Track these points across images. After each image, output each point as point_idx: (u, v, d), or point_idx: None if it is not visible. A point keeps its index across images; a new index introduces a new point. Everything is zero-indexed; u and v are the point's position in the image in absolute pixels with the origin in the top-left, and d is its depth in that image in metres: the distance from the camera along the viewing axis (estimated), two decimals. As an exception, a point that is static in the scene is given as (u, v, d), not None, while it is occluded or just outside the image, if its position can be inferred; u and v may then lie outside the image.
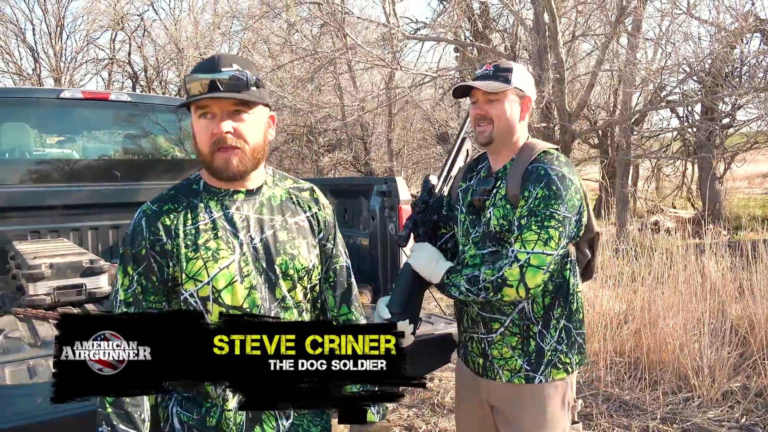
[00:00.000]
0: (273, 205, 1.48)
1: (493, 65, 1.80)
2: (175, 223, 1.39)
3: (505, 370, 1.80)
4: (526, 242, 1.64)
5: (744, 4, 7.90)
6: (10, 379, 1.85)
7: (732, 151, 9.37)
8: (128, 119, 4.14)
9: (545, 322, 1.77)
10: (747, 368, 3.91)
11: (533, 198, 1.67)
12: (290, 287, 1.46)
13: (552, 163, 1.73)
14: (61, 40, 17.80)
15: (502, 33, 10.21)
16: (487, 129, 1.77)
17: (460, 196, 1.92)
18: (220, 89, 1.32)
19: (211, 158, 1.37)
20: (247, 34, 12.14)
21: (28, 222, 3.75)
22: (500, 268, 1.65)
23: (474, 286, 1.68)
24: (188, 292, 1.37)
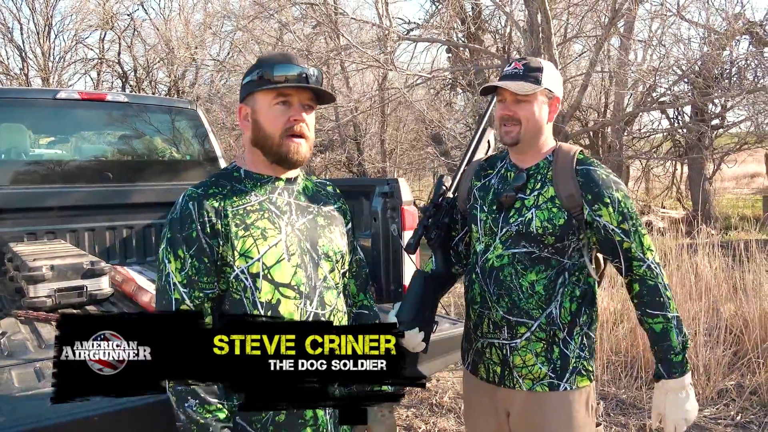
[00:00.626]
0: (308, 194, 1.57)
1: (523, 64, 1.75)
2: (223, 204, 1.44)
3: (526, 379, 1.75)
4: (651, 247, 1.74)
5: (734, 6, 8.00)
6: (18, 381, 1.84)
7: (722, 151, 9.47)
8: (125, 120, 4.13)
9: (570, 329, 1.75)
10: (741, 366, 3.96)
11: (616, 201, 1.70)
12: (330, 269, 1.53)
13: (600, 165, 1.76)
14: (49, 39, 17.65)
15: (494, 34, 10.26)
16: (514, 130, 1.74)
17: (476, 194, 1.88)
18: (308, 82, 1.43)
19: (281, 143, 1.45)
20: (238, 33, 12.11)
21: (24, 223, 3.72)
22: (666, 287, 1.72)
23: (683, 329, 1.72)
24: (239, 269, 1.41)
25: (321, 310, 1.47)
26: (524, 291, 1.73)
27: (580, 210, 1.71)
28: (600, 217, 1.70)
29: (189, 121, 4.36)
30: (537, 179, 1.77)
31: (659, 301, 1.70)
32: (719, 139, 10.16)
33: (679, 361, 1.69)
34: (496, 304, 1.76)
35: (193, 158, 4.36)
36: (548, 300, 1.73)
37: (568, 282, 1.74)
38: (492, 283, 1.77)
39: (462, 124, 10.06)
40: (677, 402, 1.69)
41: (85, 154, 4.09)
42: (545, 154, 1.79)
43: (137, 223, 4.04)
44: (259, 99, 1.46)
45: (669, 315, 1.69)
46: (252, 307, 1.41)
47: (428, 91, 10.60)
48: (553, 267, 1.73)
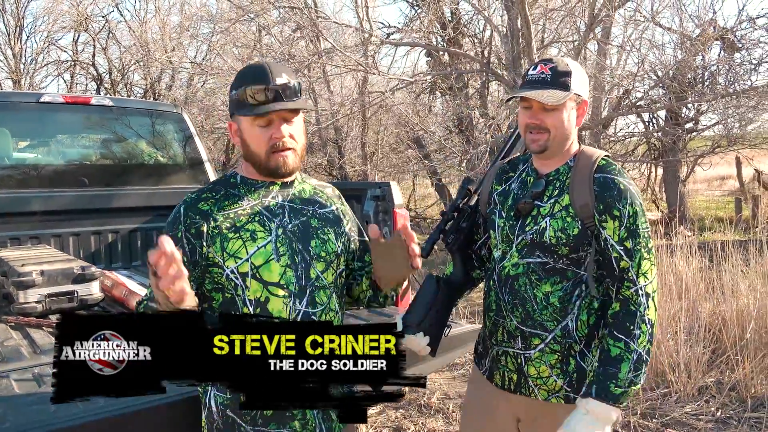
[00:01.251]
0: (304, 197, 1.63)
1: (549, 67, 1.65)
2: (213, 208, 1.51)
3: (542, 390, 1.71)
4: (647, 274, 1.61)
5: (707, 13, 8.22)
6: (18, 387, 1.83)
7: (696, 154, 9.69)
8: (109, 124, 4.10)
9: (588, 342, 1.68)
10: (720, 364, 4.07)
11: (626, 217, 1.61)
12: (323, 269, 1.56)
13: (622, 174, 1.67)
14: (20, 41, 17.36)
15: (473, 38, 10.37)
16: (542, 138, 1.66)
17: (496, 199, 1.81)
18: (283, 98, 1.46)
19: (267, 159, 1.50)
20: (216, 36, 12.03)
21: (7, 228, 3.67)
22: (644, 320, 1.59)
23: (642, 371, 1.59)
24: (229, 268, 1.48)
25: (312, 308, 1.52)
26: (538, 302, 1.68)
27: (593, 220, 1.64)
28: (604, 230, 1.63)
29: (174, 125, 4.35)
30: (555, 186, 1.70)
31: (629, 329, 1.58)
32: (692, 143, 10.41)
33: (615, 394, 1.56)
34: (510, 313, 1.72)
35: (178, 162, 4.34)
36: (564, 312, 1.67)
37: (585, 294, 1.68)
38: (507, 292, 1.73)
39: (442, 127, 10.14)
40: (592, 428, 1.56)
41: (68, 157, 4.05)
42: (567, 159, 1.72)
43: (123, 227, 4.01)
44: (241, 119, 1.51)
45: (632, 346, 1.57)
46: (242, 304, 1.49)
47: (408, 95, 10.66)
48: (569, 279, 1.67)
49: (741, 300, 4.34)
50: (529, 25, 6.22)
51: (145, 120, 4.23)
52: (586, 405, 1.59)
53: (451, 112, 9.27)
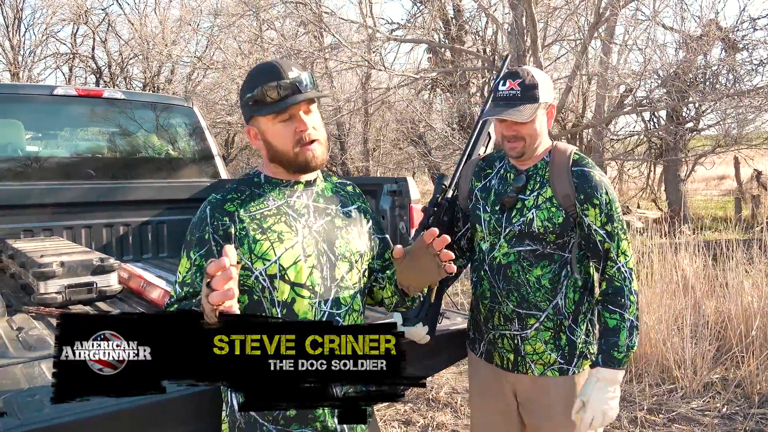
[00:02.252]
0: (327, 195, 1.61)
1: (518, 82, 1.79)
2: (239, 209, 1.49)
3: (537, 364, 1.88)
4: (626, 252, 1.82)
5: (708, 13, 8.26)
6: (50, 374, 1.84)
7: (696, 153, 9.75)
8: (121, 117, 4.11)
9: (575, 317, 1.87)
10: (726, 361, 4.12)
11: (605, 204, 1.80)
12: (348, 269, 1.55)
13: (594, 167, 1.85)
14: (18, 33, 17.28)
15: (474, 35, 10.39)
16: (519, 145, 1.82)
17: (478, 195, 1.97)
18: (302, 91, 1.43)
19: (296, 155, 1.48)
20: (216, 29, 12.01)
21: (20, 220, 3.68)
22: (631, 292, 1.81)
23: (635, 333, 1.82)
24: (258, 270, 1.46)
25: (336, 309, 1.51)
26: (532, 285, 1.85)
27: (574, 208, 1.81)
28: (586, 217, 1.80)
29: (185, 119, 4.36)
30: (536, 180, 1.86)
31: (621, 301, 1.80)
32: (692, 142, 10.47)
33: (619, 359, 1.79)
34: (506, 298, 1.88)
35: (188, 155, 4.36)
36: (554, 292, 1.85)
37: (571, 274, 1.86)
38: (501, 280, 1.88)
39: (444, 124, 10.17)
40: (604, 393, 1.78)
41: (81, 150, 4.06)
42: (542, 155, 1.89)
43: (134, 220, 4.03)
44: (261, 121, 1.49)
45: (626, 315, 1.80)
46: (270, 305, 1.47)
47: (409, 92, 10.69)
48: (556, 261, 1.84)
49: (745, 298, 4.39)
50: (535, 22, 6.25)
51: (156, 114, 4.25)
52: (597, 374, 1.80)
53: (454, 109, 9.29)
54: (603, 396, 1.78)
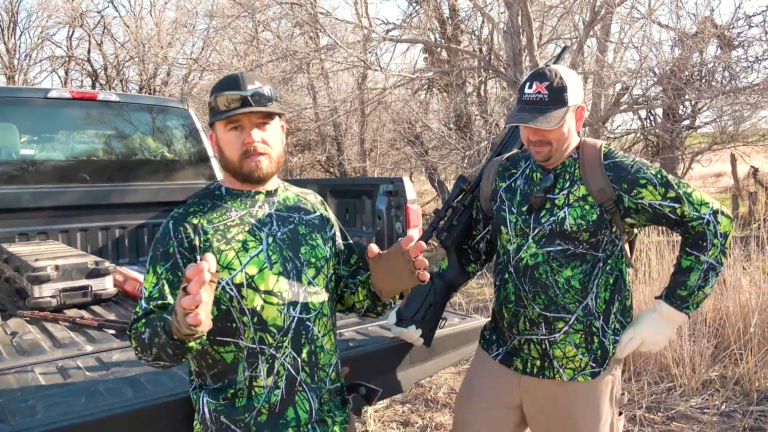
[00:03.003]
0: (289, 204, 1.65)
1: (545, 86, 1.70)
2: (202, 221, 1.52)
3: (567, 369, 1.79)
4: (704, 200, 1.73)
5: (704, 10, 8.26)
6: (44, 379, 1.83)
7: (693, 151, 9.75)
8: (116, 119, 4.09)
9: (606, 317, 1.79)
10: (724, 358, 4.11)
11: (653, 177, 1.73)
12: (314, 274, 1.59)
13: (624, 155, 1.80)
14: (14, 36, 17.24)
15: (470, 35, 10.38)
16: (545, 149, 1.75)
17: (503, 195, 1.90)
18: (251, 104, 1.47)
19: (241, 165, 1.51)
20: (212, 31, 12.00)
21: (15, 224, 3.66)
22: (716, 235, 1.70)
23: (712, 276, 1.73)
24: (224, 281, 1.49)
25: (305, 314, 1.54)
26: (560, 287, 1.77)
27: (612, 203, 1.74)
28: (643, 200, 1.73)
29: (181, 121, 4.35)
30: (565, 178, 1.79)
31: (701, 244, 1.71)
32: (688, 140, 10.47)
33: (683, 296, 1.74)
34: (533, 301, 1.80)
35: (184, 158, 4.34)
36: (584, 293, 1.77)
37: (602, 272, 1.79)
38: (527, 282, 1.81)
39: (441, 124, 10.16)
40: (655, 326, 1.76)
41: (76, 153, 4.04)
42: (570, 153, 1.81)
43: (130, 223, 4.01)
44: (217, 127, 1.53)
45: (702, 258, 1.71)
46: (240, 314, 1.49)
47: (407, 92, 10.68)
48: (588, 261, 1.77)
49: (743, 295, 4.39)
50: (531, 21, 6.25)
51: (151, 116, 4.23)
52: (657, 305, 1.78)
53: (450, 109, 9.28)
54: (654, 328, 1.75)
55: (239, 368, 1.49)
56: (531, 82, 1.74)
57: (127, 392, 1.73)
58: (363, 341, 2.24)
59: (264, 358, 1.49)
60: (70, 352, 2.11)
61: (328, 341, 1.60)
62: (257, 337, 1.49)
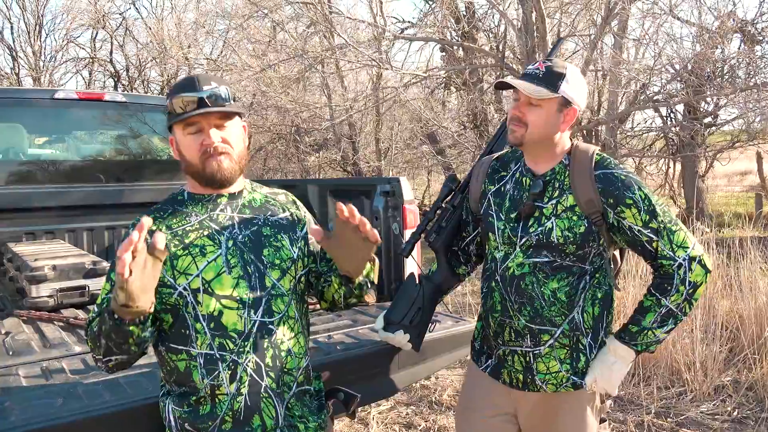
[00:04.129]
0: (254, 206, 1.62)
1: (546, 66, 1.68)
2: (162, 227, 1.50)
3: (549, 384, 1.75)
4: (684, 243, 1.66)
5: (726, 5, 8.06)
6: (25, 381, 1.84)
7: (714, 149, 9.53)
8: (122, 120, 4.12)
9: (594, 334, 1.74)
10: (737, 363, 4.00)
11: (641, 201, 1.66)
12: (279, 276, 1.55)
13: (618, 166, 1.72)
14: (40, 38, 17.55)
15: (488, 33, 10.28)
16: (519, 131, 1.69)
17: (492, 199, 1.83)
18: (208, 105, 1.45)
19: (202, 166, 1.48)
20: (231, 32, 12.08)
21: (22, 223, 3.71)
22: (684, 282, 1.64)
23: (670, 322, 1.67)
24: (181, 286, 1.47)
25: (268, 317, 1.51)
26: (546, 299, 1.71)
27: (599, 215, 1.68)
28: (624, 220, 1.67)
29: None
30: (555, 186, 1.72)
31: (665, 288, 1.66)
32: (711, 137, 10.24)
33: (632, 332, 1.69)
34: (518, 312, 1.75)
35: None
36: (571, 306, 1.71)
37: (589, 286, 1.73)
38: (513, 292, 1.75)
39: (457, 122, 10.09)
40: (604, 361, 1.71)
41: (82, 153, 4.08)
42: (560, 157, 1.74)
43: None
44: (175, 131, 1.51)
45: (663, 301, 1.66)
46: (194, 321, 1.46)
47: (423, 90, 10.62)
48: (575, 273, 1.71)
49: (759, 298, 4.26)
50: (544, 18, 6.15)
51: (158, 116, 4.25)
52: (610, 342, 1.74)
53: (465, 108, 9.21)
54: (603, 363, 1.71)
55: (194, 376, 1.47)
56: (537, 61, 1.73)
57: (104, 395, 1.72)
58: (351, 344, 2.21)
59: (225, 365, 1.46)
60: (58, 353, 2.12)
61: (296, 344, 1.56)
62: (216, 343, 1.46)
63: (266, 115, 10.95)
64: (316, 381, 1.68)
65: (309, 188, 3.50)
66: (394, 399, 3.98)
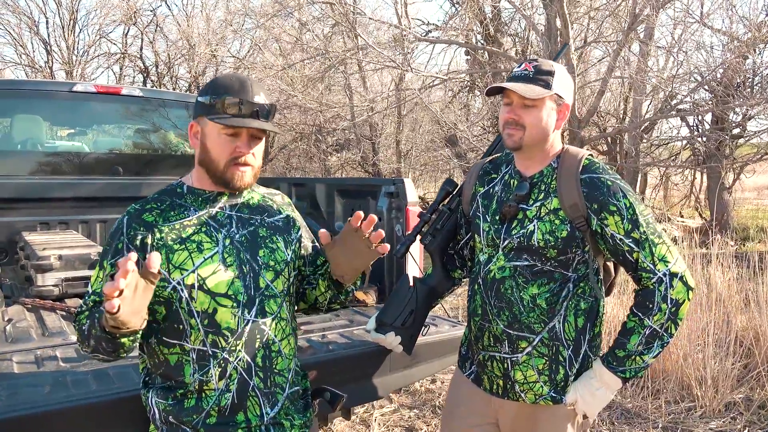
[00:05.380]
0: (252, 206, 1.61)
1: (533, 65, 1.66)
2: (158, 219, 1.49)
3: (528, 394, 1.71)
4: (666, 258, 1.62)
5: (758, 15, 7.88)
6: (17, 368, 1.86)
7: (742, 161, 9.32)
8: (139, 114, 4.18)
9: (576, 347, 1.69)
10: (751, 380, 3.90)
11: (624, 209, 1.62)
12: (272, 278, 1.55)
13: (606, 171, 1.68)
14: (73, 33, 17.91)
15: (513, 37, 10.21)
16: (517, 134, 1.66)
17: (480, 201, 1.82)
18: (259, 118, 1.46)
19: (225, 170, 1.48)
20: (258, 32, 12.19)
21: (37, 213, 3.78)
22: (665, 299, 1.60)
23: (656, 345, 1.62)
24: (176, 280, 1.46)
25: (261, 318, 1.50)
26: (525, 305, 1.68)
27: (584, 221, 1.64)
28: (606, 227, 1.63)
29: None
30: (541, 189, 1.70)
31: (647, 306, 1.62)
32: (740, 149, 10.02)
33: (619, 357, 1.64)
34: (497, 317, 1.72)
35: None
36: (551, 314, 1.67)
37: (572, 295, 1.68)
38: (493, 296, 1.73)
39: (479, 126, 10.03)
40: (589, 386, 1.66)
41: (99, 146, 4.15)
42: (550, 160, 1.72)
43: None
44: (209, 124, 1.48)
45: (645, 321, 1.61)
46: (188, 316, 1.46)
47: (446, 93, 10.58)
48: (557, 280, 1.67)
49: (777, 314, 4.15)
50: (567, 24, 6.08)
51: (174, 111, 4.30)
52: (597, 366, 1.68)
53: (488, 111, 9.15)
54: (587, 387, 1.67)
55: (185, 371, 1.47)
56: (522, 63, 1.71)
57: (91, 384, 1.74)
58: (342, 344, 2.20)
59: (216, 362, 1.46)
60: (55, 342, 2.14)
61: (287, 346, 1.56)
62: (209, 340, 1.46)
63: (289, 114, 11.02)
64: (304, 380, 1.68)
65: (317, 187, 3.51)
66: (397, 401, 3.97)
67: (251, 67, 11.69)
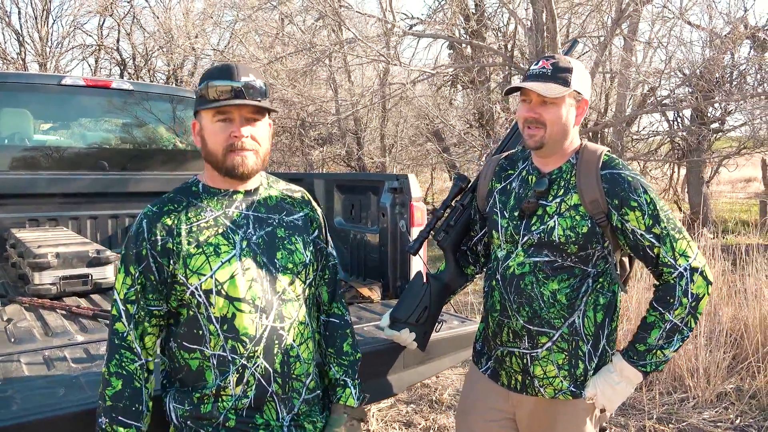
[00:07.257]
0: (270, 204, 1.57)
1: (551, 63, 1.64)
2: (176, 222, 1.45)
3: (548, 389, 1.72)
4: (686, 252, 1.63)
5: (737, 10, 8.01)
6: (28, 370, 1.82)
7: (721, 155, 9.48)
8: (129, 108, 4.09)
9: (595, 342, 1.70)
10: (741, 370, 3.98)
11: (645, 205, 1.63)
12: (290, 281, 1.52)
13: (627, 167, 1.69)
14: (47, 24, 17.49)
15: (496, 31, 10.24)
16: (538, 133, 1.65)
17: (497, 198, 1.81)
18: (245, 96, 1.40)
19: (224, 158, 1.45)
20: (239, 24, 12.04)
21: (26, 210, 3.69)
22: (686, 294, 1.61)
23: (677, 339, 1.63)
24: (193, 286, 1.43)
25: (279, 323, 1.47)
26: (546, 300, 1.68)
27: (604, 216, 1.65)
28: (627, 222, 1.64)
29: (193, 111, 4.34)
30: (560, 185, 1.70)
31: (668, 300, 1.62)
32: (717, 143, 10.19)
33: (640, 351, 1.65)
34: (517, 313, 1.72)
35: (197, 148, 4.33)
36: (571, 309, 1.68)
37: (591, 290, 1.69)
38: (513, 292, 1.72)
39: (462, 121, 10.05)
40: (609, 379, 1.67)
41: (88, 141, 4.06)
42: (569, 156, 1.72)
43: (139, 212, 4.02)
44: (203, 116, 1.46)
45: (666, 316, 1.62)
46: (207, 322, 1.44)
47: (429, 87, 10.57)
48: (577, 275, 1.68)
49: (764, 305, 4.23)
50: (555, 18, 6.11)
51: (165, 105, 4.23)
52: (615, 359, 1.70)
53: (472, 106, 9.17)
54: (607, 381, 1.67)
55: (207, 375, 1.45)
56: (539, 61, 1.69)
57: None
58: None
59: (235, 368, 1.44)
60: (61, 342, 2.10)
61: (305, 350, 1.53)
62: (228, 345, 1.43)
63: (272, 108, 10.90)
64: (322, 382, 1.66)
65: (315, 182, 3.48)
66: (394, 397, 3.96)
67: (234, 59, 11.54)
